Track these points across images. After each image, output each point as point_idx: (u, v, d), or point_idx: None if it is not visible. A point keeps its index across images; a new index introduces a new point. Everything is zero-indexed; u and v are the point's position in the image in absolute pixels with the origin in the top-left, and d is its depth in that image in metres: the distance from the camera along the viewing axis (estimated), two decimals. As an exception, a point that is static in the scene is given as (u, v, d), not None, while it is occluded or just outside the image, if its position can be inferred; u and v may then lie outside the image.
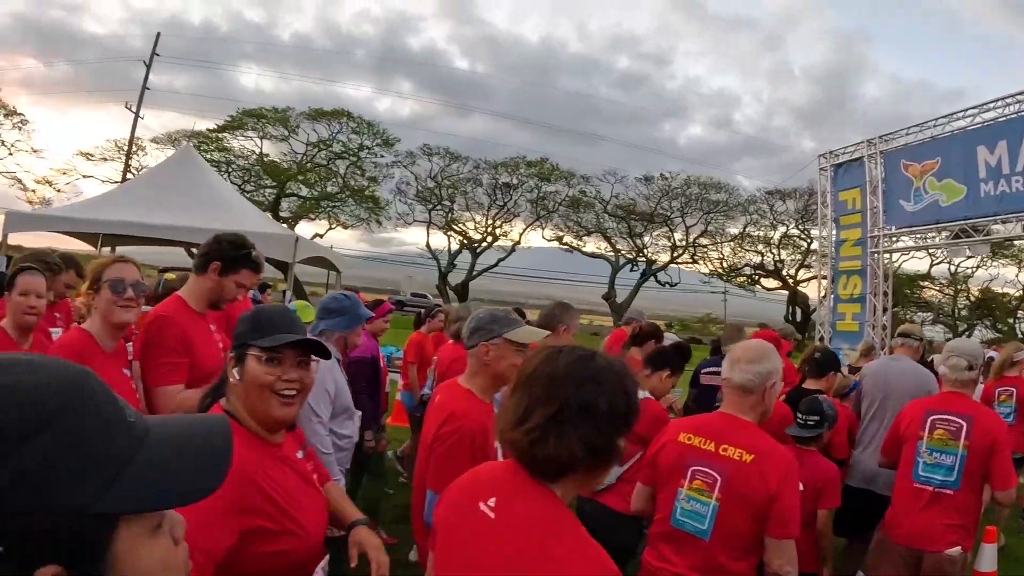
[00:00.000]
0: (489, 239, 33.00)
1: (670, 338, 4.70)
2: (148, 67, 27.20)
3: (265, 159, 29.91)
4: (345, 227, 30.99)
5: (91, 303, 2.09)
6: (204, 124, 31.75)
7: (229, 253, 2.47)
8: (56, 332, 3.36)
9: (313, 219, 29.98)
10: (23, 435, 0.52)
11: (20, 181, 28.36)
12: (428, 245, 32.58)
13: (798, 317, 32.38)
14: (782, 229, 33.76)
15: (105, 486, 0.54)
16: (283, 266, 22.44)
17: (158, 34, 27.43)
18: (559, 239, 34.25)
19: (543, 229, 33.91)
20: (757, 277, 35.96)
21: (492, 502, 1.17)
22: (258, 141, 30.02)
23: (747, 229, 34.48)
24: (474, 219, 33.12)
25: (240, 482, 1.23)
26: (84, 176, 28.76)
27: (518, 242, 33.48)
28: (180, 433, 0.62)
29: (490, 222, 32.93)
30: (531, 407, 1.14)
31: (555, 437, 1.10)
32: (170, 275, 4.84)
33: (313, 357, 1.45)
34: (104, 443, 0.56)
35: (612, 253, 34.51)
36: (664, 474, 1.97)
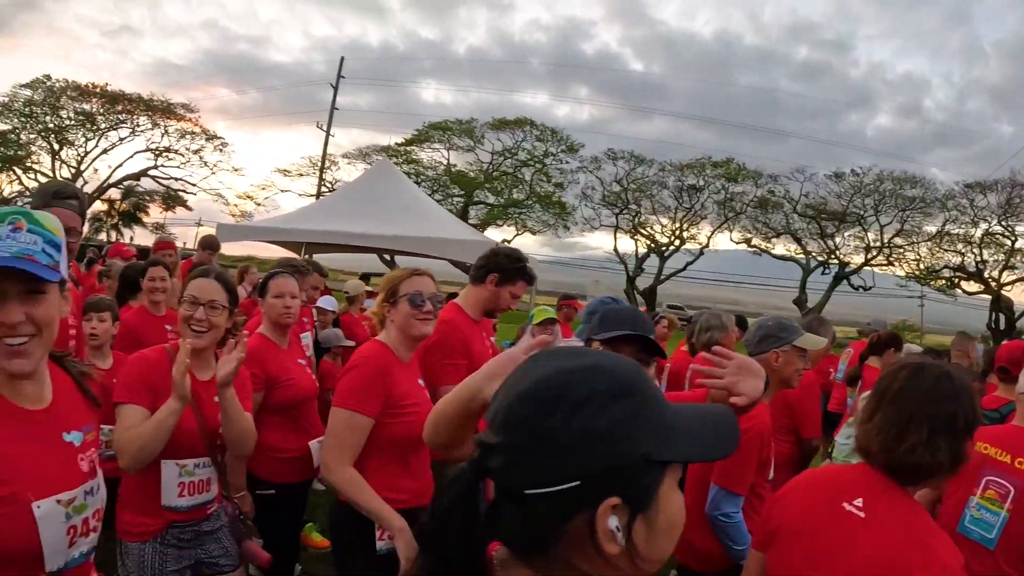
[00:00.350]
0: (676, 242, 31.36)
1: (911, 348, 4.70)
2: (335, 89, 28.10)
3: (452, 169, 29.68)
4: (533, 233, 30.44)
5: (386, 315, 2.12)
6: (389, 139, 32.28)
7: (506, 265, 2.63)
8: (306, 336, 3.46)
9: (500, 225, 29.74)
10: (613, 396, 0.68)
11: (222, 196, 30.90)
12: (616, 249, 31.53)
13: (1001, 324, 28.88)
14: (983, 226, 30.37)
15: (663, 440, 0.70)
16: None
17: (342, 58, 28.57)
18: (747, 241, 32.27)
19: (731, 231, 32.13)
20: (957, 280, 32.53)
21: (859, 502, 1.31)
22: (445, 152, 30.16)
23: (946, 227, 31.29)
24: (660, 222, 31.67)
25: None
26: (282, 191, 29.82)
27: (706, 245, 31.86)
28: (694, 411, 0.78)
29: (677, 225, 31.34)
30: (906, 422, 1.31)
31: (930, 450, 1.28)
32: None
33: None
34: (661, 408, 0.72)
35: (802, 255, 32.12)
36: (955, 481, 1.93)
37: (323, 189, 28.33)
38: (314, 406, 2.70)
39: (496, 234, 30.18)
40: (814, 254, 32.36)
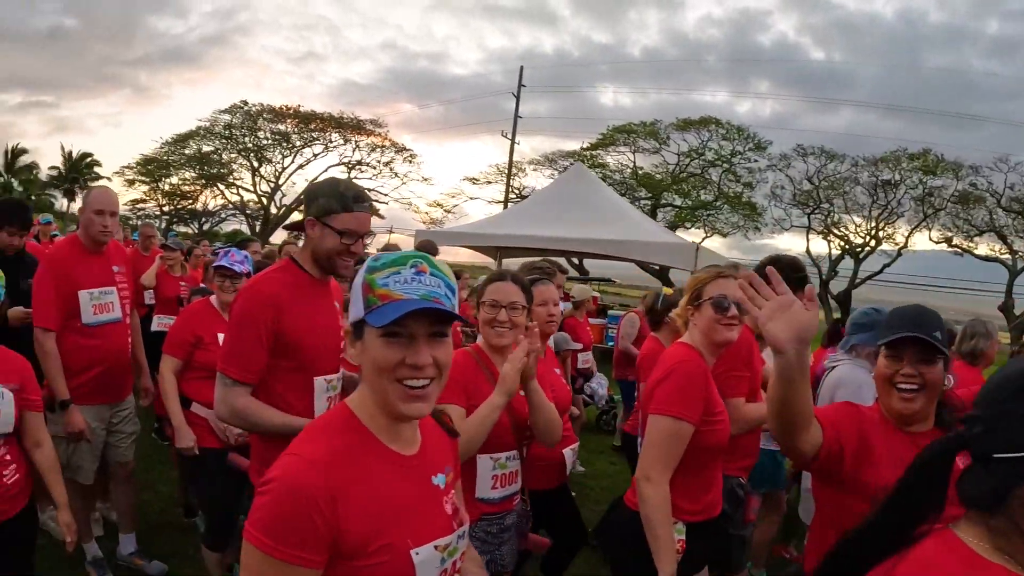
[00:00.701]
0: (872, 243, 29.44)
1: None
2: (517, 98, 28.22)
3: (639, 172, 29.20)
4: (723, 235, 29.29)
5: (690, 318, 2.12)
6: (572, 143, 32.29)
7: (789, 275, 2.42)
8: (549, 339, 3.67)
9: (688, 228, 28.64)
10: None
11: (413, 205, 31.88)
12: (808, 251, 29.85)
13: None
14: None
15: None
16: (663, 275, 20.42)
17: (521, 67, 28.87)
18: (947, 241, 29.94)
19: (929, 230, 29.83)
20: None
21: None
22: (630, 155, 29.65)
23: None
24: (854, 221, 29.88)
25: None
26: (471, 198, 30.37)
27: (904, 245, 29.65)
28: None
29: (872, 224, 29.48)
30: None
31: None
32: (667, 290, 4.24)
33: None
34: None
35: (1008, 255, 29.49)
36: None
37: (511, 195, 28.46)
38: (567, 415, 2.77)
39: (686, 237, 29.37)
40: (1021, 254, 29.70)
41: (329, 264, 1.98)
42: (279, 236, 30.75)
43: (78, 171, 40.28)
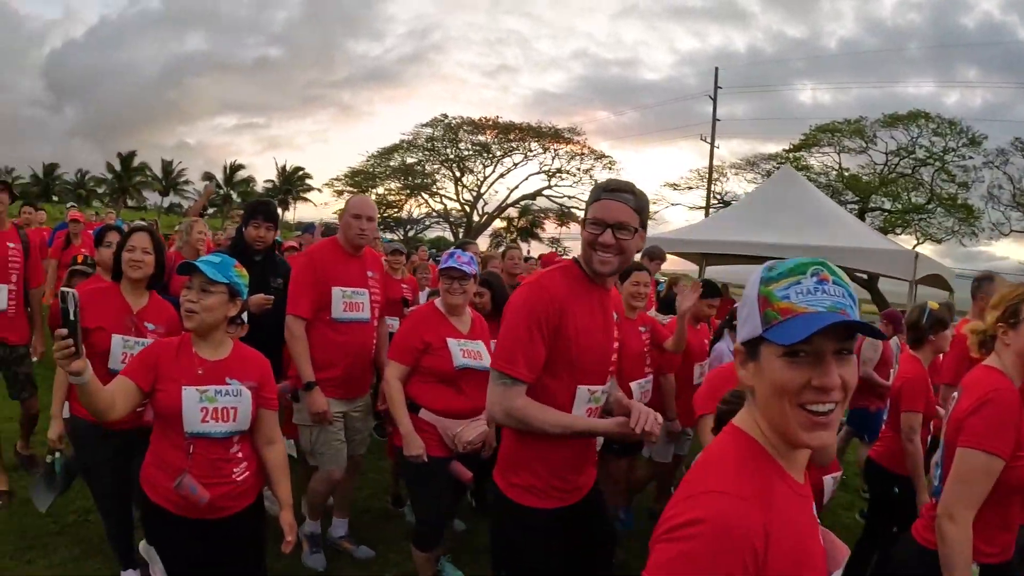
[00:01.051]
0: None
1: None
2: (715, 101, 28.24)
3: (845, 173, 28.63)
4: (936, 241, 28.20)
5: (1001, 336, 1.94)
6: (771, 146, 32.02)
7: None
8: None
9: (899, 234, 27.77)
10: None
11: None
12: (1031, 256, 28.27)
13: None
14: None
15: None
16: (870, 285, 19.30)
17: (716, 69, 28.60)
18: None
19: None
20: None
21: None
22: (835, 156, 29.07)
23: None
24: (1077, 224, 27.96)
25: None
26: (671, 204, 30.80)
27: None
28: None
29: (1101, 226, 27.54)
30: None
31: None
32: (934, 304, 3.44)
33: None
34: None
35: None
36: None
37: (713, 201, 28.94)
38: None
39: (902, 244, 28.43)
40: None
41: (586, 261, 1.87)
42: (482, 244, 33.10)
43: (291, 183, 44.59)
